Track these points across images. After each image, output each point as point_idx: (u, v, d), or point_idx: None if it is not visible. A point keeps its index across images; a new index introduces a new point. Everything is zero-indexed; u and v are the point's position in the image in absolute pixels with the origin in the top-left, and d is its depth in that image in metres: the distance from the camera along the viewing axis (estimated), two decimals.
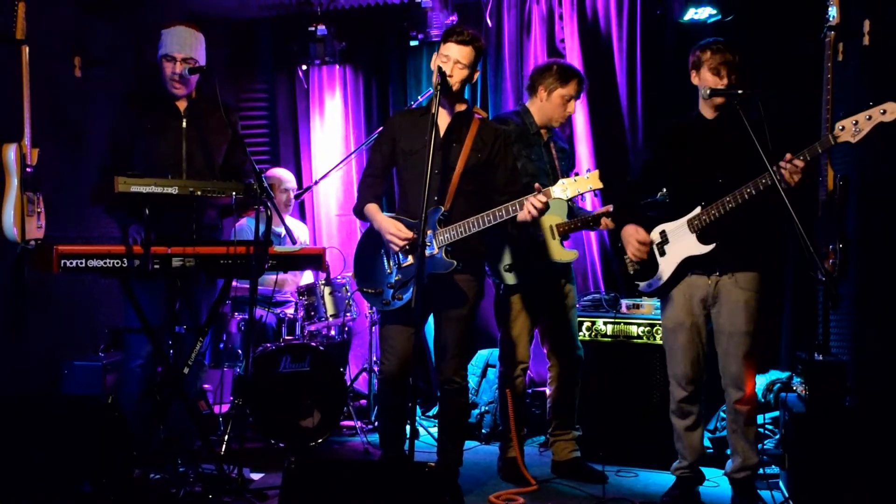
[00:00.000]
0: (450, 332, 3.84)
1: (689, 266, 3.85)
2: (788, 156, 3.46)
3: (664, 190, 3.96)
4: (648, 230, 3.92)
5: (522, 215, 3.60)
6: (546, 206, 3.58)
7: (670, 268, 3.88)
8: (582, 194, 3.66)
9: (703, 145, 3.83)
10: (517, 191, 3.71)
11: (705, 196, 3.74)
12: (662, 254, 3.91)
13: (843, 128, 3.39)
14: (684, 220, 3.82)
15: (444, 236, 3.68)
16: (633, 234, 3.89)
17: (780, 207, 3.35)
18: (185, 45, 3.99)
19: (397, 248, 3.73)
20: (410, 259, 3.74)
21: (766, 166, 3.44)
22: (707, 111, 3.86)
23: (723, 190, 3.67)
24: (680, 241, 3.84)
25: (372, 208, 3.87)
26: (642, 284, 3.99)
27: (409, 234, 3.68)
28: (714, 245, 3.75)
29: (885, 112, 3.33)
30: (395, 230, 3.70)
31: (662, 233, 3.91)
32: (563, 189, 3.59)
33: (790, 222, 3.32)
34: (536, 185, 3.57)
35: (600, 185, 3.59)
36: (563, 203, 4.30)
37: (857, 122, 3.37)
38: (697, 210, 3.77)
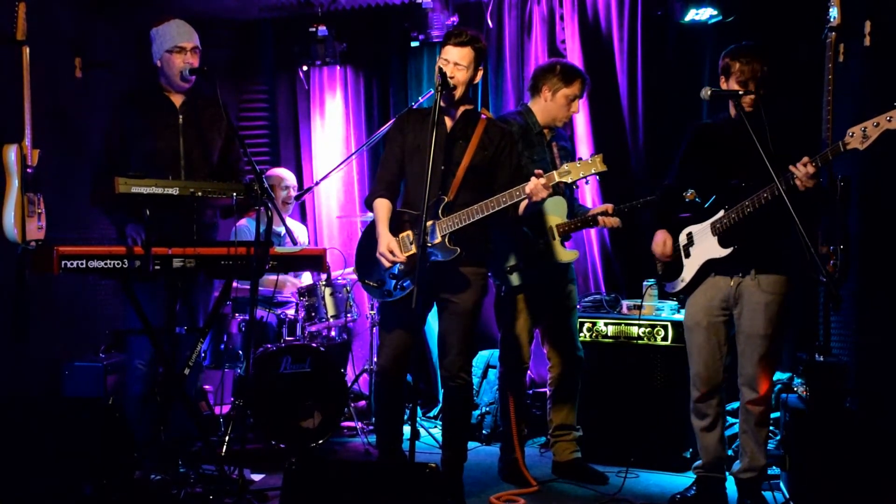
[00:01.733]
0: (455, 326, 3.83)
1: (710, 268, 3.87)
2: (806, 159, 3.47)
3: (691, 191, 3.98)
4: (678, 231, 3.98)
5: (525, 201, 3.61)
6: (550, 191, 3.59)
7: (693, 269, 3.91)
8: (586, 178, 3.64)
9: (728, 146, 3.85)
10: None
11: (730, 198, 3.77)
12: (688, 255, 3.94)
13: (853, 134, 3.40)
14: (709, 222, 3.85)
15: (447, 224, 3.69)
16: (658, 244, 4.00)
17: (785, 213, 3.36)
18: (191, 35, 4.03)
19: (386, 267, 3.75)
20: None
21: (779, 170, 3.46)
22: (734, 112, 3.87)
23: (746, 192, 3.69)
24: (703, 244, 3.87)
25: (381, 209, 3.83)
26: (667, 285, 4.04)
27: (400, 258, 3.70)
28: (732, 249, 3.77)
29: (891, 119, 3.34)
30: (384, 249, 3.71)
31: (689, 235, 3.94)
32: (567, 172, 3.59)
33: (791, 223, 3.33)
34: (538, 170, 3.58)
35: (604, 168, 3.59)
36: (563, 203, 4.31)
37: (865, 129, 3.37)
38: (721, 213, 3.80)
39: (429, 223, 3.66)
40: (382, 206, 3.84)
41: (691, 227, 3.94)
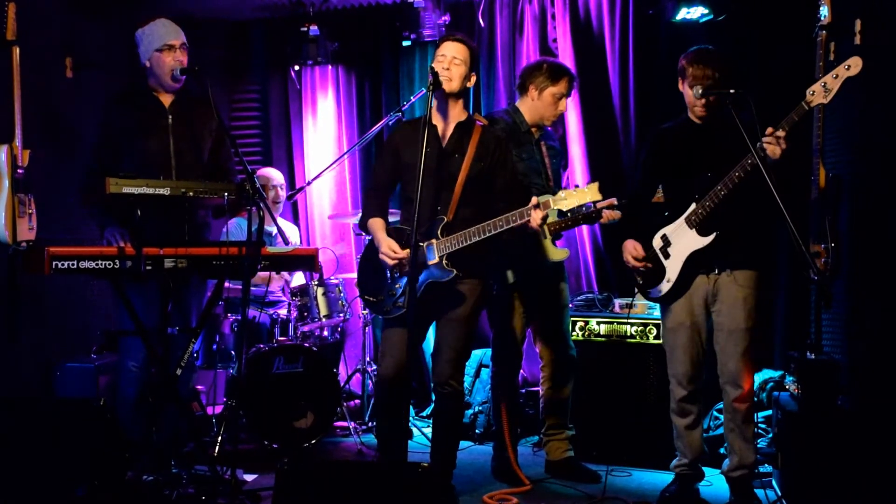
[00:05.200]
0: (448, 333, 3.81)
1: (694, 264, 3.82)
2: (769, 129, 3.48)
3: (660, 193, 3.97)
4: (651, 236, 3.93)
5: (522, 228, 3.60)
6: (545, 219, 3.59)
7: (676, 268, 3.85)
8: (582, 206, 3.66)
9: (693, 147, 3.84)
10: (517, 197, 3.69)
11: (698, 192, 3.75)
12: (667, 256, 3.90)
13: (814, 92, 3.42)
14: (682, 218, 3.82)
15: (445, 245, 3.68)
16: (629, 250, 3.92)
17: (772, 206, 3.36)
18: (178, 33, 4.03)
19: (389, 266, 3.74)
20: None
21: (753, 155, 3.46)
22: (695, 115, 3.86)
23: (713, 182, 3.68)
24: (681, 240, 3.83)
25: (375, 224, 3.84)
26: (651, 291, 3.95)
27: (402, 255, 3.68)
28: (715, 235, 3.73)
29: (849, 67, 3.37)
30: (386, 249, 3.71)
31: (664, 237, 3.90)
32: (563, 199, 3.59)
33: (782, 221, 3.33)
34: (534, 198, 3.57)
35: (600, 197, 3.59)
36: None
37: (825, 84, 3.40)
38: (693, 206, 3.78)
39: (426, 243, 3.68)
40: (377, 222, 3.84)
41: (664, 228, 3.89)
